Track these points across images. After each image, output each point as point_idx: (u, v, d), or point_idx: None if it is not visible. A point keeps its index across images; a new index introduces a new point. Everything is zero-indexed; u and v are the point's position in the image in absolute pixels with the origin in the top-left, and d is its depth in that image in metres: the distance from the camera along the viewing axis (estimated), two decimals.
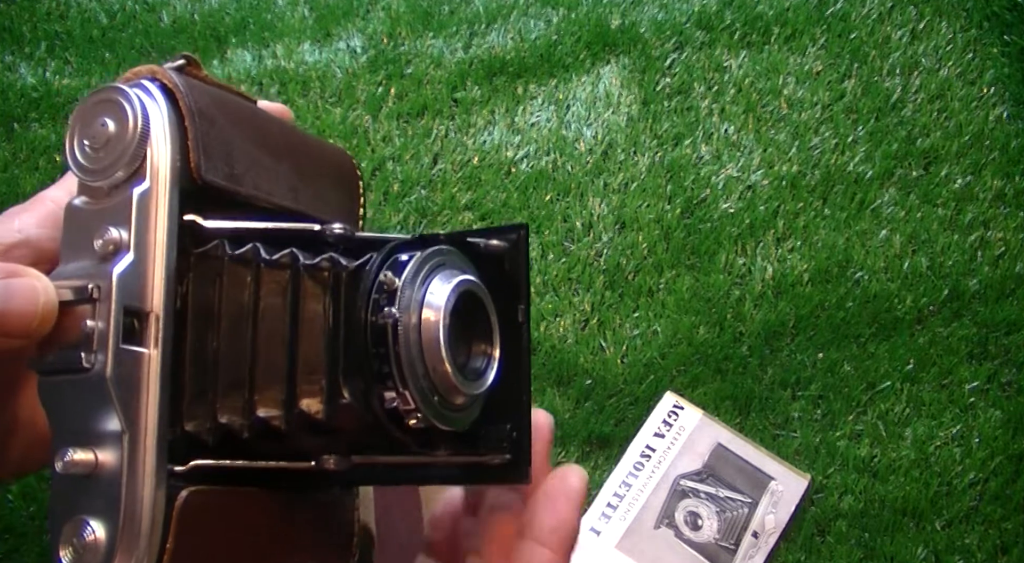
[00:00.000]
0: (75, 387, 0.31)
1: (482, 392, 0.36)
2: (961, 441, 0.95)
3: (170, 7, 1.25)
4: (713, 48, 1.20)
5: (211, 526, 0.34)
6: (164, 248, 0.33)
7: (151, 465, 0.32)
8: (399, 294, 0.33)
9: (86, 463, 0.31)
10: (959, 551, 0.90)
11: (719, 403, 0.97)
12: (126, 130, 0.33)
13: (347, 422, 0.34)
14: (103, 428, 0.31)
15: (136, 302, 0.32)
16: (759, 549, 0.90)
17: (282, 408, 0.34)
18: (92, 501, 0.31)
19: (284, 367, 0.34)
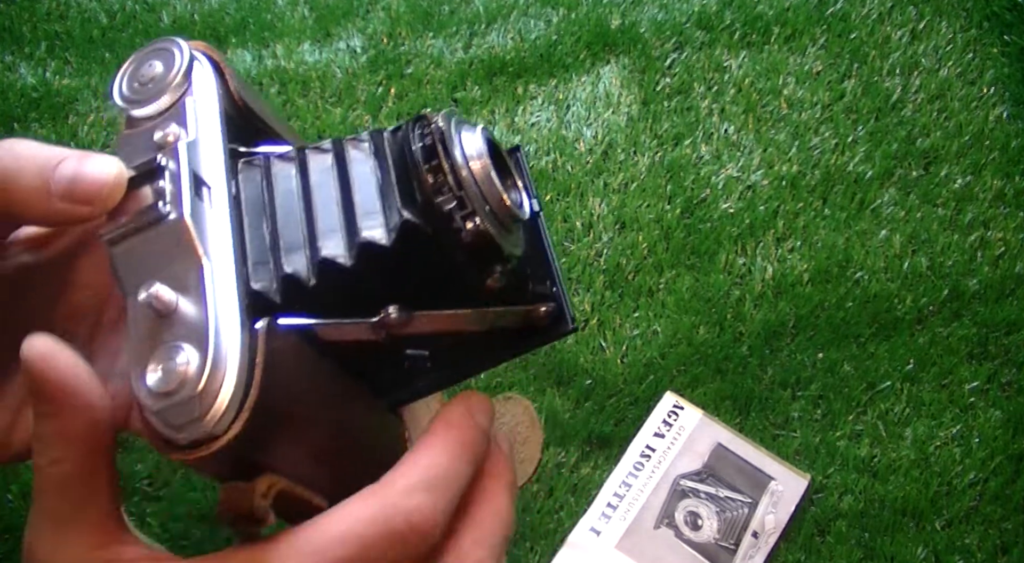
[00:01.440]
0: (150, 240, 0.33)
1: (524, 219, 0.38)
2: (961, 441, 0.95)
3: (170, 7, 1.25)
4: (713, 48, 1.20)
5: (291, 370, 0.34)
6: (219, 135, 0.37)
7: (234, 301, 0.33)
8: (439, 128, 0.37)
9: (168, 301, 0.32)
10: (959, 551, 0.90)
11: (719, 403, 0.97)
12: (172, 66, 0.38)
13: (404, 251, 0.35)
14: (183, 269, 0.33)
15: (197, 165, 0.35)
16: (759, 549, 0.90)
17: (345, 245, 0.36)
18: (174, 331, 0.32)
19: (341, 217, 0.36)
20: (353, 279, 0.36)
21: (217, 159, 0.37)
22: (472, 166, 0.36)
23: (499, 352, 0.40)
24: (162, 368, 0.31)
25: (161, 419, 0.31)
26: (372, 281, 0.36)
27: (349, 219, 0.37)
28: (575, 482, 0.94)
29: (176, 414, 0.31)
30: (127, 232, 0.34)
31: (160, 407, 0.31)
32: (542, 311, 0.39)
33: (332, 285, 0.36)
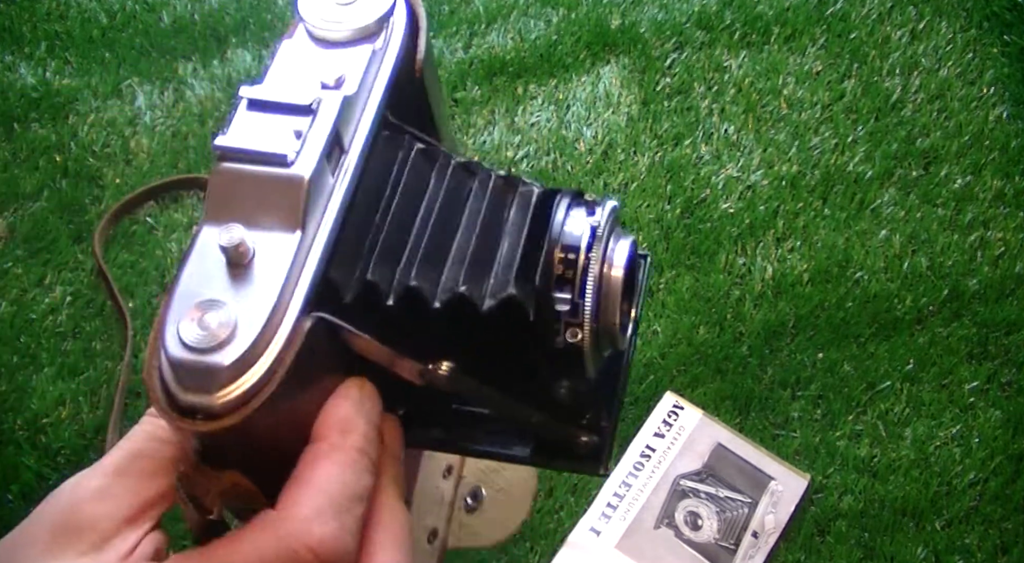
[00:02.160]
0: (260, 180, 0.30)
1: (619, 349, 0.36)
2: (961, 441, 0.95)
3: (170, 7, 1.25)
4: (713, 48, 1.20)
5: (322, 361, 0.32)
6: (378, 102, 0.34)
7: (307, 279, 0.30)
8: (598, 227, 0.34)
9: (244, 252, 0.29)
10: (959, 551, 0.90)
11: (719, 403, 0.97)
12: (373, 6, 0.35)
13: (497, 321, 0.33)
14: (275, 228, 0.30)
15: (343, 132, 0.33)
16: (759, 549, 0.90)
17: (438, 286, 0.33)
18: (234, 291, 0.29)
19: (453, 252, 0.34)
20: (427, 318, 0.33)
21: (365, 125, 0.34)
22: (605, 275, 0.33)
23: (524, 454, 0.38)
24: (201, 321, 0.29)
25: (174, 370, 0.29)
26: (446, 330, 0.34)
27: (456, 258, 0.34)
28: (575, 482, 0.94)
29: (190, 374, 0.29)
30: (245, 156, 0.31)
31: (179, 358, 0.29)
32: (583, 441, 0.36)
33: (407, 313, 0.33)
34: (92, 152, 1.13)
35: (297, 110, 0.32)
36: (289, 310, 0.30)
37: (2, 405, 0.98)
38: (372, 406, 0.34)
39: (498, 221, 0.35)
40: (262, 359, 0.29)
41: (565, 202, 0.34)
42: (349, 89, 0.33)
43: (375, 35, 0.35)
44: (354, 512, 0.32)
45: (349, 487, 0.32)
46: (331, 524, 0.30)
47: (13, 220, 1.09)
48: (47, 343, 1.01)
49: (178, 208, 1.09)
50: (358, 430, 0.33)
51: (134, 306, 1.03)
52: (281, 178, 0.31)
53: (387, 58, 0.35)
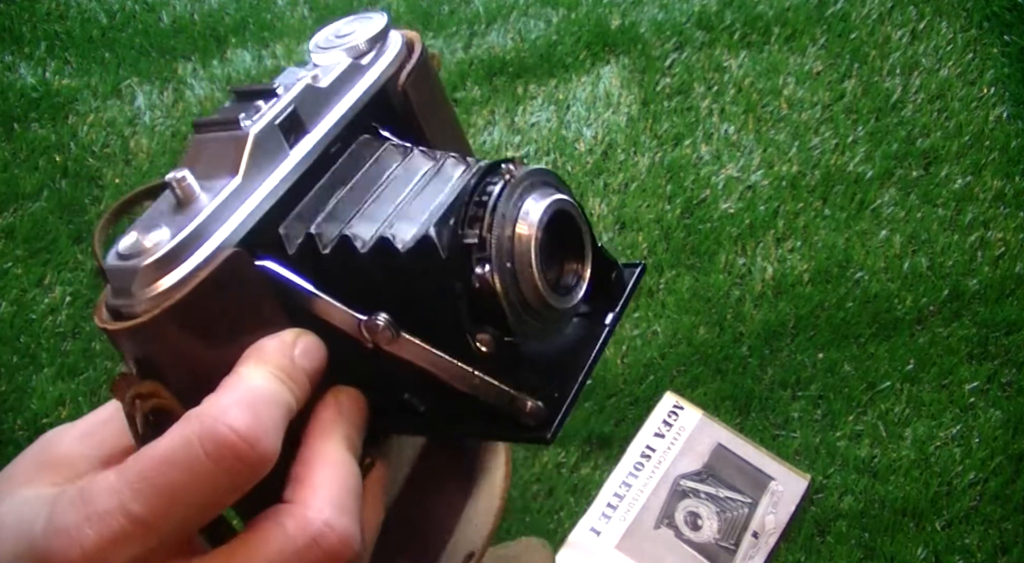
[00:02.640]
0: (218, 141, 0.35)
1: (567, 308, 0.37)
2: (961, 441, 0.95)
3: (170, 7, 1.25)
4: (713, 48, 1.20)
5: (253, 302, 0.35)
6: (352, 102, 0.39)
7: (241, 216, 0.34)
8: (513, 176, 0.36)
9: (186, 188, 0.34)
10: (959, 551, 0.90)
11: (719, 403, 0.97)
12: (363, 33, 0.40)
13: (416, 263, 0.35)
14: (219, 174, 0.35)
15: (304, 115, 0.37)
16: (759, 549, 0.90)
17: (371, 235, 0.36)
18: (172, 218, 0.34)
19: (391, 211, 0.38)
20: (359, 267, 0.36)
21: (332, 118, 0.38)
22: (518, 228, 0.35)
23: (473, 425, 0.38)
24: (136, 234, 0.33)
25: (109, 279, 0.33)
26: (376, 281, 0.36)
27: (393, 216, 0.37)
28: (575, 482, 0.94)
29: (118, 277, 0.33)
30: (211, 125, 0.36)
31: (111, 266, 0.33)
32: (528, 405, 0.36)
33: (340, 263, 0.36)
34: (92, 152, 1.13)
35: (264, 94, 0.37)
36: (214, 236, 0.34)
37: (2, 405, 0.98)
38: (305, 350, 0.35)
39: (441, 188, 0.38)
40: (178, 269, 0.33)
41: (496, 165, 0.37)
42: (317, 82, 0.38)
43: (364, 54, 0.40)
44: (271, 412, 0.33)
45: (263, 391, 0.33)
46: (247, 411, 0.32)
47: (13, 220, 1.09)
48: (47, 343, 1.01)
49: None
50: (275, 359, 0.34)
51: None
52: (229, 136, 0.35)
53: (370, 71, 0.40)
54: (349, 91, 0.40)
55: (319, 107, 0.38)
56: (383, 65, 0.41)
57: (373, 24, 0.41)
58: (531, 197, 0.37)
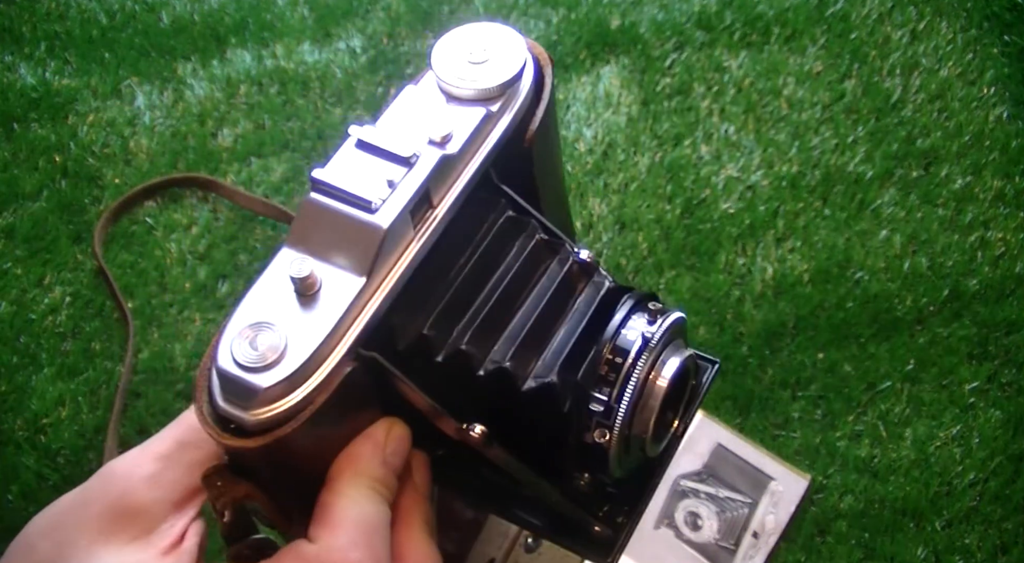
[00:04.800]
0: (342, 219, 0.32)
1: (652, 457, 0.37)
2: (961, 441, 0.95)
3: (170, 7, 1.25)
4: (713, 48, 1.20)
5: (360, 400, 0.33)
6: (477, 165, 0.35)
7: (362, 322, 0.32)
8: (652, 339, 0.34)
9: (310, 284, 0.31)
10: (959, 551, 0.90)
11: (719, 403, 0.97)
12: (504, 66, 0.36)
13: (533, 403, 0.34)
14: (345, 265, 0.31)
15: (432, 189, 0.34)
16: (759, 549, 0.90)
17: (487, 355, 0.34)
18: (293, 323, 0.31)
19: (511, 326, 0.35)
20: (472, 386, 0.35)
21: (460, 184, 0.35)
22: (648, 386, 0.34)
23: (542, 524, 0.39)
24: (253, 340, 0.30)
25: (220, 380, 0.31)
26: (487, 399, 0.35)
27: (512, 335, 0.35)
28: None
29: (231, 387, 0.31)
30: (334, 192, 0.32)
31: (225, 371, 0.30)
32: (596, 530, 0.37)
33: (451, 373, 0.34)
34: (92, 152, 1.13)
35: (395, 159, 0.33)
36: (336, 350, 0.31)
37: (2, 405, 0.98)
38: (395, 449, 0.36)
39: (562, 306, 0.36)
40: (299, 390, 0.31)
41: (628, 305, 0.35)
42: (451, 148, 0.34)
43: (496, 98, 0.36)
44: (382, 540, 0.33)
45: (372, 519, 0.33)
46: (365, 551, 0.32)
47: (13, 220, 1.09)
48: (47, 343, 1.01)
49: (177, 208, 1.09)
50: (369, 470, 0.34)
51: (134, 306, 1.03)
52: (361, 222, 0.32)
53: (500, 122, 0.36)
54: (478, 151, 0.36)
55: (447, 176, 0.35)
56: (513, 112, 0.37)
57: (509, 52, 0.37)
58: (664, 358, 0.35)
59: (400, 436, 0.36)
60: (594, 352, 0.34)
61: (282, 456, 0.32)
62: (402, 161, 0.33)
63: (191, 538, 0.35)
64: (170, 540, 0.34)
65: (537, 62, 0.38)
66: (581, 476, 0.36)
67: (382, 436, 0.35)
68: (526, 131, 0.38)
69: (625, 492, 0.38)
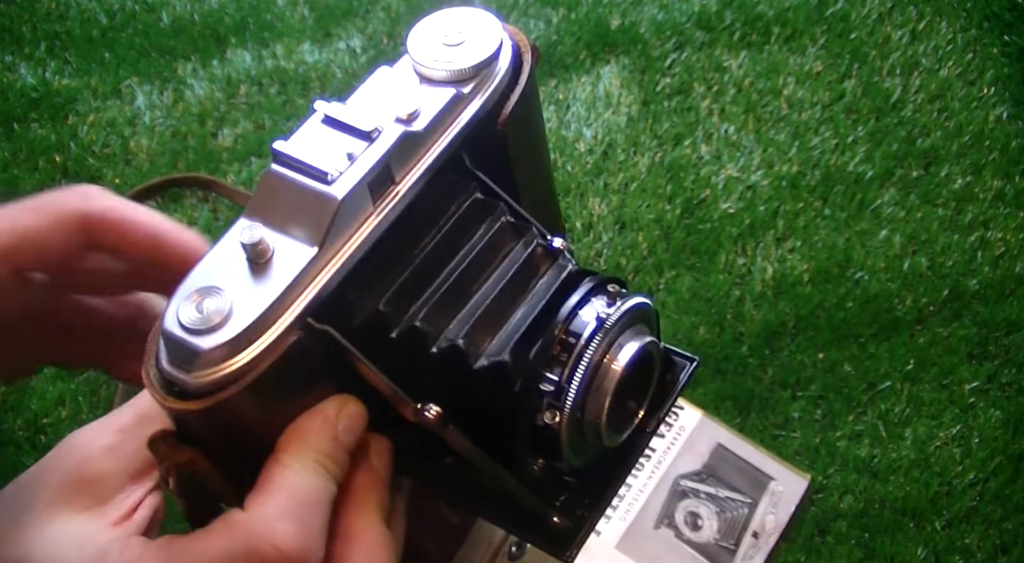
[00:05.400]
0: (299, 188, 0.32)
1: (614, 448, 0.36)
2: (961, 441, 0.95)
3: (170, 7, 1.25)
4: (713, 48, 1.20)
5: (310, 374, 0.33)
6: (445, 145, 0.35)
7: (313, 291, 0.32)
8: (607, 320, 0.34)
9: (262, 251, 0.31)
10: (959, 551, 0.90)
11: (719, 403, 0.97)
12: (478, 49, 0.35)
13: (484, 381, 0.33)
14: (298, 235, 0.31)
15: (394, 165, 0.33)
16: (759, 549, 0.90)
17: (441, 333, 0.34)
18: (242, 288, 0.31)
19: (468, 305, 0.34)
20: (424, 360, 0.34)
21: (425, 163, 0.35)
22: (601, 369, 0.34)
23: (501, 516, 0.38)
24: (200, 304, 0.30)
25: (165, 343, 0.31)
26: (441, 379, 0.35)
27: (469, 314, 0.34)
28: None
29: (176, 350, 0.31)
30: (293, 164, 0.33)
31: (169, 333, 0.30)
32: (555, 521, 0.37)
33: (406, 350, 0.34)
34: (92, 152, 1.13)
35: (357, 133, 0.33)
36: (283, 317, 0.31)
37: (2, 405, 0.98)
38: (347, 426, 0.35)
39: (522, 288, 0.35)
40: (242, 355, 0.30)
41: (587, 286, 0.35)
42: (416, 126, 0.34)
43: (469, 80, 0.36)
44: (318, 515, 0.33)
45: (310, 492, 0.33)
46: (295, 524, 0.32)
47: None
48: None
49: (177, 208, 1.09)
50: (320, 442, 0.34)
51: None
52: (316, 192, 0.32)
53: (472, 104, 0.36)
54: (446, 131, 0.35)
55: (412, 154, 0.35)
56: (486, 95, 0.36)
57: (485, 35, 0.37)
58: (621, 341, 0.35)
59: (353, 414, 0.35)
60: (548, 332, 0.34)
61: (225, 421, 0.32)
62: (363, 136, 0.33)
63: (143, 510, 0.34)
64: (123, 511, 0.34)
65: (516, 48, 0.38)
66: (535, 461, 0.36)
67: (333, 412, 0.34)
68: (499, 114, 0.37)
69: (587, 485, 0.38)
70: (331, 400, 0.35)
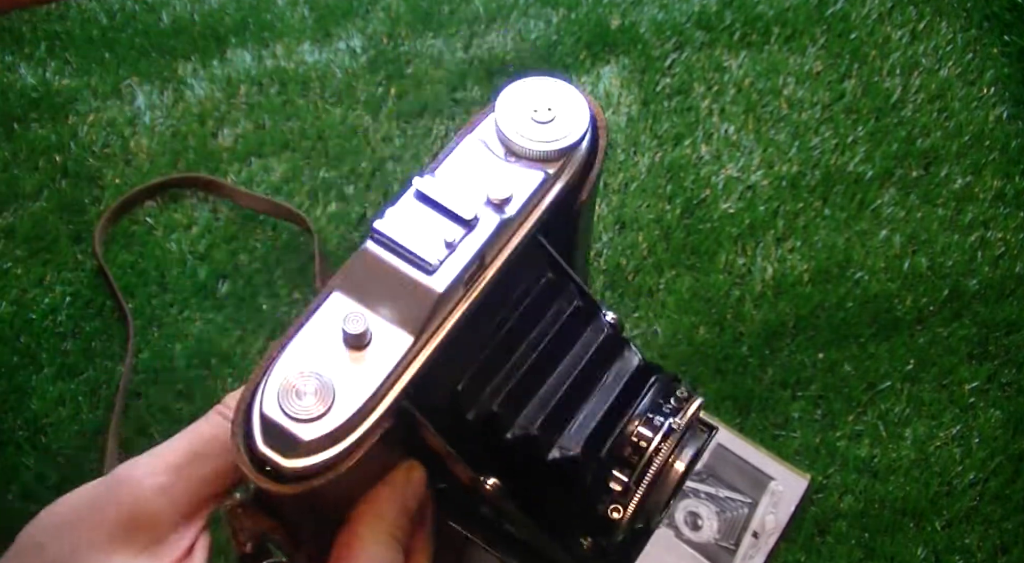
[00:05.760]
0: (398, 276, 0.32)
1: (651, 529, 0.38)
2: (961, 441, 0.95)
3: (170, 7, 1.25)
4: (713, 48, 1.20)
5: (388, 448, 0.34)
6: (529, 227, 0.35)
7: (406, 379, 0.32)
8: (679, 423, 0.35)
9: (361, 338, 0.31)
10: (959, 551, 0.90)
11: (719, 403, 0.97)
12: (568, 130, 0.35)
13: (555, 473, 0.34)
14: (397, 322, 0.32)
15: (487, 252, 0.34)
16: (759, 549, 0.90)
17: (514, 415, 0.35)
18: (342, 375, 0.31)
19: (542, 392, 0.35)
20: (498, 447, 0.35)
21: (511, 245, 0.35)
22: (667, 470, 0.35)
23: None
24: (300, 389, 0.30)
25: (262, 422, 0.31)
26: (510, 460, 0.35)
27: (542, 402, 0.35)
28: None
29: (273, 433, 0.31)
30: (394, 247, 0.32)
31: (269, 416, 0.30)
32: None
33: (479, 431, 0.35)
34: (92, 152, 1.13)
35: (456, 219, 0.33)
36: (379, 407, 0.32)
37: (2, 405, 0.98)
38: (413, 493, 0.36)
39: (594, 377, 0.36)
40: (340, 444, 0.31)
41: (656, 388, 0.36)
42: (510, 211, 0.34)
43: (556, 161, 0.36)
44: None
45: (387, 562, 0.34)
46: None
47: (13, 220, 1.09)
48: (47, 343, 1.01)
49: (178, 208, 1.09)
50: (390, 516, 0.35)
51: (134, 306, 1.03)
52: (417, 284, 0.32)
53: (556, 186, 0.36)
54: (531, 214, 0.35)
55: (503, 240, 0.35)
56: (569, 175, 0.36)
57: (574, 114, 0.36)
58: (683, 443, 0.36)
59: (418, 480, 0.36)
60: (619, 431, 0.35)
61: (312, 501, 0.32)
62: (462, 222, 0.33)
63: (199, 552, 0.35)
64: (179, 553, 0.34)
65: (594, 122, 0.38)
66: (585, 539, 0.37)
67: (402, 481, 0.36)
68: (579, 195, 0.37)
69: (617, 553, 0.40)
70: (399, 470, 0.36)
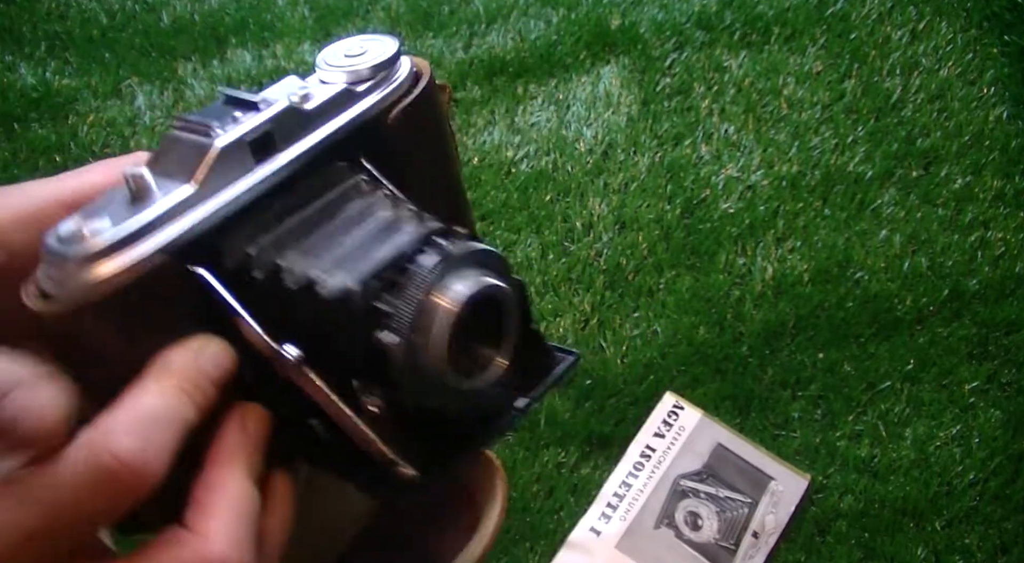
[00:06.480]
0: (185, 144, 0.36)
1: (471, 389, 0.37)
2: (961, 441, 0.95)
3: (170, 7, 1.25)
4: (713, 48, 1.20)
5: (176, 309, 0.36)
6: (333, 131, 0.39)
7: (184, 226, 0.35)
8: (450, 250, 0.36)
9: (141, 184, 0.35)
10: (959, 551, 0.90)
11: (719, 403, 0.97)
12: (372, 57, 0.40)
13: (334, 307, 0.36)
14: (179, 177, 0.36)
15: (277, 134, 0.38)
16: (759, 549, 0.90)
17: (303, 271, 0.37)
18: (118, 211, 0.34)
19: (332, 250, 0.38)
20: (286, 298, 0.37)
21: (308, 142, 0.39)
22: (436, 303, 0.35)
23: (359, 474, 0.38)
24: (79, 222, 0.34)
25: (44, 256, 0.34)
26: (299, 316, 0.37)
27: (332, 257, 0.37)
28: (575, 482, 0.94)
29: (53, 260, 0.33)
30: (186, 125, 0.36)
31: (49, 246, 0.33)
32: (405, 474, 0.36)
33: (269, 290, 0.37)
34: (92, 152, 1.13)
35: (246, 105, 0.38)
36: (154, 238, 0.34)
37: None
38: (212, 358, 0.36)
39: (387, 243, 0.38)
40: (103, 267, 0.33)
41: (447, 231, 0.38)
42: (304, 105, 0.38)
43: (363, 82, 0.40)
44: (166, 433, 0.33)
45: (160, 409, 0.34)
46: (137, 435, 0.33)
47: None
48: None
49: None
50: (183, 373, 0.35)
51: None
52: (199, 143, 0.36)
53: (364, 101, 0.40)
54: (334, 118, 0.40)
55: (298, 129, 0.39)
56: (379, 96, 0.41)
57: (384, 49, 0.41)
58: (463, 276, 0.37)
59: (218, 348, 0.36)
60: (393, 267, 0.36)
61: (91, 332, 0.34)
62: (253, 106, 0.37)
63: None
64: None
65: (415, 68, 0.42)
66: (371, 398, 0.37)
67: (197, 343, 0.36)
68: (390, 111, 0.41)
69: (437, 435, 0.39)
70: (197, 336, 0.37)
